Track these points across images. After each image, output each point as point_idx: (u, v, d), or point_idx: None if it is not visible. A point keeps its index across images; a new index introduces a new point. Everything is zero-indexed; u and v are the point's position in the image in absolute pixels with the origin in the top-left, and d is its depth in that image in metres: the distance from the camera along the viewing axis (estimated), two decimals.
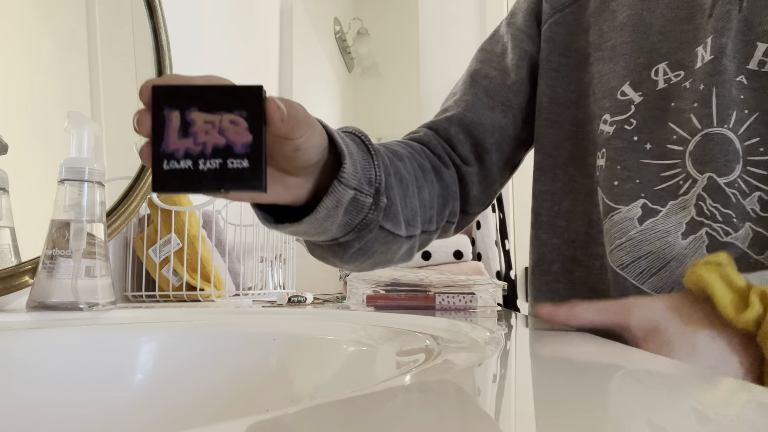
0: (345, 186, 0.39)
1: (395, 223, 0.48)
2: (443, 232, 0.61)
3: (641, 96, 0.52)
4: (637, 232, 0.50)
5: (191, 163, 0.31)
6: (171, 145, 0.31)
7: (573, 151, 0.58)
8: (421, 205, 0.53)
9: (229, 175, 0.31)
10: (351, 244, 0.46)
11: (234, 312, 0.58)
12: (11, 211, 0.61)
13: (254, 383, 0.46)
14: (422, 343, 0.36)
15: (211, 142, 0.31)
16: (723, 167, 0.47)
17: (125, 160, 0.83)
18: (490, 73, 0.64)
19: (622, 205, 0.51)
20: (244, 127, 0.31)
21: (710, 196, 0.47)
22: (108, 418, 0.43)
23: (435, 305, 0.62)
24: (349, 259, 0.48)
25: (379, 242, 0.48)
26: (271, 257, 1.01)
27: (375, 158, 0.44)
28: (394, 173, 0.48)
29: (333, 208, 0.40)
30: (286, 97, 0.33)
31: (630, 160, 0.52)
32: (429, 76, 1.69)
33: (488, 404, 0.17)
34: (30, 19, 0.67)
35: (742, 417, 0.17)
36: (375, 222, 0.44)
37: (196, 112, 0.31)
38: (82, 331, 0.46)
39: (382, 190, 0.44)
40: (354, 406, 0.17)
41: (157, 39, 0.91)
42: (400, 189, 0.49)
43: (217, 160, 0.31)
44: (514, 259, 1.59)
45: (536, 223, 0.61)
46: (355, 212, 0.42)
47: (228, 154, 0.31)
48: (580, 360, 0.27)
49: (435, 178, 0.56)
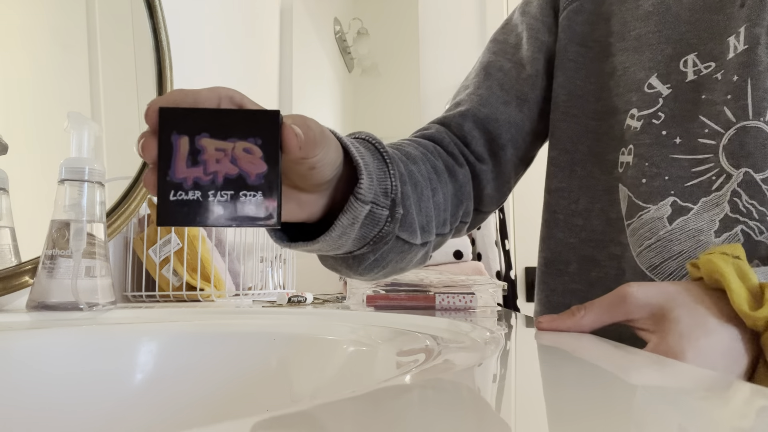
0: (362, 202, 0.37)
1: (411, 233, 0.46)
2: (456, 232, 0.59)
3: (669, 88, 0.50)
4: (666, 231, 0.48)
5: (200, 195, 0.28)
6: (179, 174, 0.28)
7: (592, 146, 0.56)
8: (436, 208, 0.51)
9: (241, 209, 0.29)
10: (366, 257, 0.44)
11: (234, 312, 0.58)
12: (11, 211, 0.61)
13: (254, 383, 0.46)
14: (422, 343, 0.36)
15: (223, 172, 0.29)
16: (760, 162, 0.45)
17: (125, 160, 0.83)
18: (505, 66, 0.61)
19: (651, 203, 0.49)
20: (258, 156, 0.29)
21: (746, 192, 0.45)
22: (108, 418, 0.43)
23: (435, 305, 0.62)
24: (364, 271, 0.46)
25: (394, 252, 0.46)
26: (271, 257, 1.01)
27: (390, 167, 0.41)
28: (410, 179, 0.47)
29: (349, 226, 0.38)
30: (299, 114, 0.32)
31: (658, 156, 0.49)
32: (429, 76, 1.69)
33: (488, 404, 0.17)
34: (30, 19, 0.67)
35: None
36: (391, 234, 0.42)
37: (206, 138, 0.29)
38: (82, 331, 0.46)
39: (398, 201, 0.42)
40: (354, 406, 0.17)
41: (157, 39, 0.91)
42: (415, 195, 0.47)
43: (228, 191, 0.29)
44: (514, 259, 1.59)
45: (551, 221, 0.59)
46: (371, 226, 0.40)
47: (241, 185, 0.29)
48: (580, 360, 0.27)
49: (449, 178, 0.54)
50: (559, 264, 0.57)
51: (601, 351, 0.30)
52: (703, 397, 0.19)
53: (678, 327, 0.35)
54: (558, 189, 0.59)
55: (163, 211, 0.28)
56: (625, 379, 0.23)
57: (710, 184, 0.47)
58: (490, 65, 0.62)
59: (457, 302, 0.62)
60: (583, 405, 0.17)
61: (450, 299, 0.62)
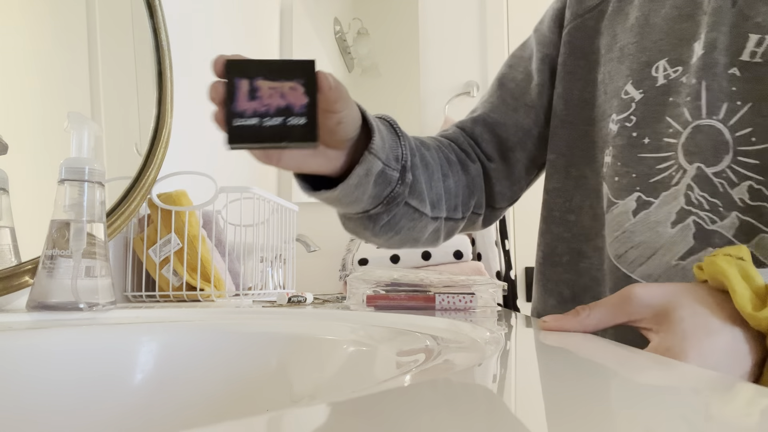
0: (374, 156, 0.46)
1: (420, 201, 0.54)
2: (470, 224, 0.66)
3: (642, 93, 0.54)
4: (630, 224, 0.52)
5: (257, 121, 0.37)
6: (240, 106, 0.37)
7: (585, 149, 0.61)
8: (446, 191, 0.58)
9: (289, 130, 0.38)
10: (380, 217, 0.53)
11: (234, 312, 0.58)
12: (11, 211, 0.61)
13: (254, 383, 0.46)
14: (422, 343, 0.36)
15: (274, 104, 0.38)
16: (711, 158, 0.48)
17: (125, 160, 0.83)
18: (517, 77, 0.68)
19: (620, 199, 0.54)
20: (301, 92, 0.38)
21: (698, 185, 0.49)
22: (108, 418, 0.43)
23: (435, 305, 0.62)
24: (379, 232, 0.55)
25: (406, 218, 0.54)
26: (271, 257, 1.01)
27: (402, 139, 0.51)
28: (420, 157, 0.54)
29: (364, 176, 0.46)
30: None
31: (629, 156, 0.54)
32: (429, 76, 1.69)
33: (488, 404, 0.17)
34: (30, 19, 0.67)
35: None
36: (401, 196, 0.51)
37: (261, 80, 0.38)
38: (82, 331, 0.46)
39: (408, 167, 0.51)
40: (354, 406, 0.17)
41: (157, 39, 0.91)
42: (426, 173, 0.55)
43: (279, 118, 0.38)
44: (514, 259, 1.59)
45: (548, 218, 0.63)
46: (383, 185, 0.49)
47: (288, 113, 0.38)
48: (581, 360, 0.27)
49: (461, 169, 0.62)
50: (555, 256, 0.62)
51: (602, 351, 0.30)
52: (704, 396, 0.19)
53: (680, 327, 0.35)
54: (555, 189, 0.63)
55: (229, 133, 0.37)
56: (626, 380, 0.23)
57: (670, 180, 0.51)
58: (504, 77, 0.69)
59: (457, 302, 0.62)
60: (583, 405, 0.17)
61: (450, 299, 0.62)
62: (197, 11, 1.14)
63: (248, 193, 0.87)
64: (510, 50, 1.69)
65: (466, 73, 1.68)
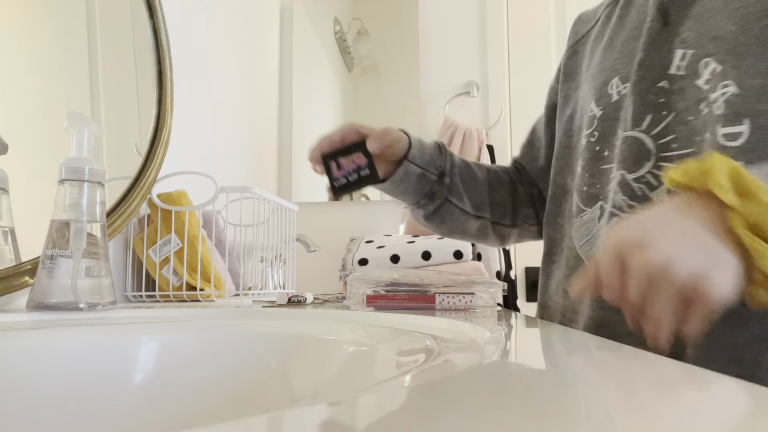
0: (410, 162, 0.67)
1: (460, 200, 0.71)
2: (524, 232, 0.79)
3: (601, 110, 0.61)
4: (596, 229, 0.59)
5: (345, 180, 0.65)
6: (335, 175, 0.65)
7: (567, 161, 0.68)
8: (493, 202, 0.74)
9: (363, 179, 0.65)
10: (426, 207, 0.71)
11: (234, 312, 0.58)
12: (11, 211, 0.61)
13: (254, 383, 0.46)
14: (422, 343, 0.36)
15: (351, 168, 0.64)
16: (632, 165, 0.54)
17: (125, 160, 0.83)
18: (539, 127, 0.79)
19: (589, 207, 0.60)
20: (362, 157, 0.64)
21: (621, 189, 0.55)
22: (108, 418, 0.43)
23: (435, 305, 0.62)
24: (429, 218, 0.72)
25: (449, 212, 0.71)
26: (271, 257, 1.01)
27: (444, 155, 0.70)
28: (466, 170, 0.72)
29: (403, 175, 0.67)
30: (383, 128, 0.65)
31: (593, 168, 0.60)
32: (429, 76, 1.69)
33: (488, 404, 0.17)
34: (30, 19, 0.67)
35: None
36: (440, 193, 0.70)
37: (341, 158, 0.65)
38: (82, 331, 0.46)
39: (447, 173, 0.70)
40: (354, 406, 0.17)
41: (157, 39, 0.91)
42: (472, 182, 0.72)
43: (355, 174, 0.65)
44: (514, 259, 1.59)
45: (546, 222, 0.72)
46: (424, 183, 0.68)
47: (360, 170, 0.64)
48: (581, 360, 0.27)
49: (510, 187, 0.77)
50: (551, 255, 0.69)
51: (602, 351, 0.30)
52: (704, 396, 0.19)
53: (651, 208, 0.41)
54: (549, 196, 0.72)
55: (334, 191, 0.65)
56: (626, 379, 0.23)
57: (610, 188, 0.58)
58: (538, 121, 0.80)
59: (457, 302, 0.62)
60: (583, 405, 0.17)
61: (450, 299, 0.62)
62: (197, 11, 1.14)
63: (248, 193, 0.87)
64: (510, 50, 1.69)
65: (466, 73, 1.68)
